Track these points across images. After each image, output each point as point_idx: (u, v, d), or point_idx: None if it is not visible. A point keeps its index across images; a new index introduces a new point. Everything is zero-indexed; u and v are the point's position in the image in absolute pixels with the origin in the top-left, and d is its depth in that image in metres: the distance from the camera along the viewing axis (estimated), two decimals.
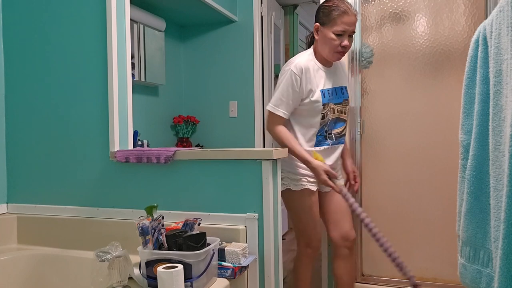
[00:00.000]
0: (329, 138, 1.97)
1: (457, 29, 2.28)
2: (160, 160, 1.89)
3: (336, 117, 1.97)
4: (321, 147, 1.96)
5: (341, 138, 2.02)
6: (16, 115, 2.19)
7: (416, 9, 2.34)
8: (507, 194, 0.98)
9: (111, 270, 1.51)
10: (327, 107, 1.93)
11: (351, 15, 1.83)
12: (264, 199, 1.77)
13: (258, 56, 3.26)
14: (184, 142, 3.29)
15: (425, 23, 2.33)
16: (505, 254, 0.98)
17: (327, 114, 1.94)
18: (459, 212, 1.31)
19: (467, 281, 1.25)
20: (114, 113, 1.97)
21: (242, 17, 3.29)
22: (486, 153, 1.17)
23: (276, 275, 1.83)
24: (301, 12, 4.59)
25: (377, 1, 2.40)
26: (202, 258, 1.50)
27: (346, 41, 1.85)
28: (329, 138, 1.97)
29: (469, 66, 1.29)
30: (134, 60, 2.72)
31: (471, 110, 1.27)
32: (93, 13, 2.02)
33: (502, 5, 1.07)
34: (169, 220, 1.83)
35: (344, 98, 2.00)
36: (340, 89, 1.99)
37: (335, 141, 2.00)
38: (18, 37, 2.18)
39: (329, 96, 1.94)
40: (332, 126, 1.98)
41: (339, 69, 2.04)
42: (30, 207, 2.15)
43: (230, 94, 3.33)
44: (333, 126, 1.98)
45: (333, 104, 1.95)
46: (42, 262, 1.97)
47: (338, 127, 1.99)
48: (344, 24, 1.82)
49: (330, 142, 1.98)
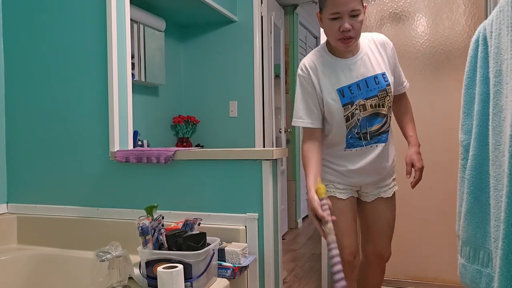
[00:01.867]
0: (364, 139, 1.66)
1: (457, 29, 2.28)
2: (160, 160, 1.89)
3: (370, 113, 1.64)
4: (352, 149, 1.68)
5: (380, 136, 1.67)
6: (16, 115, 2.19)
7: (416, 9, 2.34)
8: (507, 194, 0.98)
9: (111, 270, 1.51)
10: (352, 106, 1.63)
11: None
12: (264, 199, 1.77)
13: (258, 56, 3.25)
14: (184, 142, 3.29)
15: (425, 23, 2.33)
16: (505, 254, 0.98)
17: (353, 114, 1.63)
18: (459, 212, 1.31)
19: (467, 281, 1.25)
20: (114, 113, 1.98)
21: (242, 17, 3.29)
22: (486, 153, 1.17)
23: (276, 275, 1.83)
24: (301, 12, 4.59)
25: (377, 1, 2.40)
26: (202, 258, 1.50)
27: (345, 24, 1.51)
28: (364, 139, 1.66)
29: (469, 66, 1.29)
30: (134, 60, 2.72)
31: (471, 110, 1.27)
32: (93, 13, 2.02)
33: (502, 5, 1.07)
34: (169, 220, 1.84)
35: (379, 89, 1.62)
36: (372, 79, 1.62)
37: (371, 141, 1.66)
38: (18, 37, 2.18)
39: (350, 94, 1.62)
40: (366, 125, 1.65)
41: (370, 55, 1.65)
42: (30, 207, 2.15)
43: (230, 94, 3.33)
44: (367, 124, 1.65)
45: (363, 99, 1.62)
46: (42, 262, 1.97)
47: (375, 124, 1.65)
48: (336, 5, 1.51)
49: (364, 143, 1.67)
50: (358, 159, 1.69)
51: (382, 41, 1.68)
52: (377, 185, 1.74)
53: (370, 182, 1.73)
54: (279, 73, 4.11)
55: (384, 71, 1.65)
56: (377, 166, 1.70)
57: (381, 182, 1.74)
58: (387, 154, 1.72)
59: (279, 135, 4.04)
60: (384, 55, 1.67)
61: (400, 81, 1.76)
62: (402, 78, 1.77)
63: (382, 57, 1.67)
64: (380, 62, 1.66)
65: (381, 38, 1.70)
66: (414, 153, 1.67)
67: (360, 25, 1.55)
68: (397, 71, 1.74)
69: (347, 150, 1.69)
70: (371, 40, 1.68)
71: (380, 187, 1.75)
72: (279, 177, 1.87)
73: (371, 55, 1.65)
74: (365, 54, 1.65)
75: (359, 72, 1.63)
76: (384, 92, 1.64)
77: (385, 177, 1.74)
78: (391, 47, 1.70)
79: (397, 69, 1.74)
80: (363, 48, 1.65)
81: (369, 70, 1.63)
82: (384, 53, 1.67)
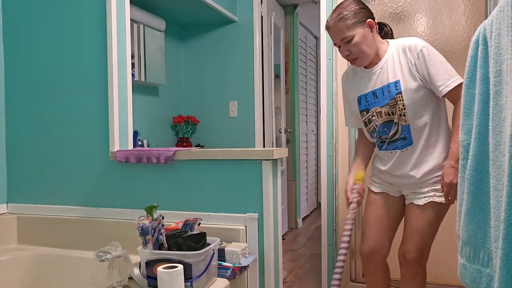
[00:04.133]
0: (386, 143, 1.75)
1: (457, 29, 2.28)
2: (160, 160, 1.89)
3: (385, 120, 1.71)
4: (382, 151, 1.78)
5: (396, 143, 1.72)
6: (16, 115, 2.19)
7: (416, 9, 2.34)
8: (507, 194, 0.98)
9: (111, 270, 1.51)
10: (368, 113, 1.75)
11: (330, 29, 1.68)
12: (264, 199, 1.77)
13: (258, 56, 3.26)
14: (184, 142, 3.29)
15: (425, 23, 2.33)
16: (505, 254, 0.98)
17: (370, 120, 1.75)
18: (459, 212, 1.31)
19: (467, 281, 1.25)
20: (114, 113, 1.98)
21: (242, 17, 3.29)
22: (486, 153, 1.16)
23: (276, 275, 1.83)
24: (301, 12, 4.59)
25: (377, 1, 2.40)
26: (202, 258, 1.50)
27: (343, 52, 1.68)
28: (386, 143, 1.75)
29: (469, 66, 1.29)
30: (134, 60, 2.72)
31: (471, 110, 1.27)
32: (93, 13, 2.02)
33: (502, 5, 1.07)
34: (169, 220, 1.84)
35: (390, 97, 1.68)
36: (385, 88, 1.69)
37: (389, 146, 1.74)
38: (18, 37, 2.18)
39: (366, 102, 1.74)
40: (383, 131, 1.74)
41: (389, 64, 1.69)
42: (30, 207, 2.16)
43: (230, 94, 3.33)
44: (384, 131, 1.73)
45: (380, 107, 1.71)
46: (42, 262, 1.97)
47: (391, 131, 1.71)
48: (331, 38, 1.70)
49: (385, 147, 1.76)
50: (387, 160, 1.77)
51: (409, 45, 1.65)
52: (413, 190, 1.75)
53: (401, 183, 1.77)
54: (279, 73, 4.11)
55: (398, 79, 1.66)
56: (398, 172, 1.74)
57: (418, 189, 1.73)
58: (410, 162, 1.71)
59: (279, 135, 4.04)
60: (405, 61, 1.66)
61: (434, 85, 1.63)
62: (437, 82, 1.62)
63: (401, 64, 1.67)
64: (397, 69, 1.67)
65: (409, 43, 1.66)
66: (447, 167, 1.62)
67: (357, 48, 1.64)
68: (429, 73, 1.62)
69: (380, 151, 1.80)
70: (399, 47, 1.68)
71: (415, 193, 1.74)
72: (279, 177, 1.87)
73: (390, 63, 1.68)
74: (385, 63, 1.69)
75: (377, 81, 1.71)
76: (394, 101, 1.67)
77: (421, 185, 1.71)
78: (419, 50, 1.63)
79: (429, 71, 1.62)
80: (386, 57, 1.70)
81: (384, 79, 1.69)
82: (405, 58, 1.66)
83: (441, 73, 1.61)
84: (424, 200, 1.70)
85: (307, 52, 4.98)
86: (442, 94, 1.63)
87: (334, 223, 2.45)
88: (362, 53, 1.65)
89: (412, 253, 1.74)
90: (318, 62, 5.35)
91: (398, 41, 1.71)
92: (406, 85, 1.65)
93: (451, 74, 1.62)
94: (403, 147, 1.71)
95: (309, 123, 5.06)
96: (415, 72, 1.64)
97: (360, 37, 1.63)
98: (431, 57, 1.62)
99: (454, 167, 1.57)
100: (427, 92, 1.66)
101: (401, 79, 1.65)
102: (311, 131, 5.18)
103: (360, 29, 1.63)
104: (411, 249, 1.74)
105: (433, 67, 1.62)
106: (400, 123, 1.69)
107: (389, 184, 1.81)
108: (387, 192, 1.82)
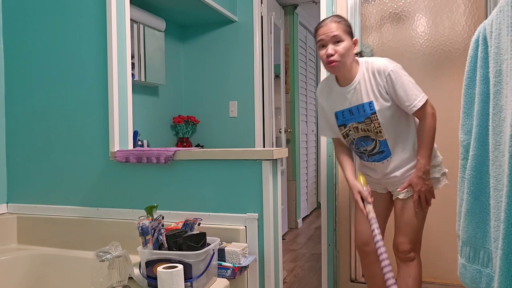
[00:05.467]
0: (364, 155, 1.89)
1: (457, 29, 2.28)
2: (160, 160, 1.89)
3: (361, 135, 1.85)
4: (363, 162, 1.94)
5: (376, 156, 1.87)
6: (16, 115, 2.19)
7: (416, 9, 2.34)
8: (507, 194, 0.98)
9: (111, 270, 1.51)
10: (346, 127, 1.87)
11: (325, 25, 1.77)
12: (264, 199, 1.77)
13: (258, 56, 3.26)
14: (184, 142, 3.29)
15: (425, 23, 2.33)
16: (505, 254, 0.98)
17: (348, 134, 1.87)
18: (459, 212, 1.31)
19: (467, 281, 1.25)
20: (114, 113, 1.98)
21: (242, 17, 3.29)
22: (486, 153, 1.17)
23: (276, 275, 1.83)
24: (301, 12, 4.59)
25: (377, 1, 2.40)
26: (202, 258, 1.51)
27: (329, 50, 1.75)
28: (364, 155, 1.89)
29: (469, 66, 1.29)
30: (134, 60, 2.72)
31: (471, 110, 1.27)
32: (93, 13, 2.02)
33: (502, 5, 1.07)
34: (169, 220, 1.84)
35: (365, 116, 1.80)
36: (360, 107, 1.80)
37: (370, 159, 1.89)
38: (18, 37, 2.18)
39: (343, 117, 1.86)
40: (361, 144, 1.87)
41: (362, 85, 1.80)
42: (30, 207, 2.16)
43: (230, 94, 3.33)
44: (362, 144, 1.87)
45: (356, 123, 1.83)
46: (42, 262, 1.97)
47: (368, 145, 1.86)
48: (320, 35, 1.78)
49: (365, 159, 1.91)
50: (369, 168, 1.94)
51: (378, 69, 1.77)
52: (396, 186, 1.88)
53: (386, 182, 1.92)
54: (279, 73, 4.11)
55: (372, 100, 1.78)
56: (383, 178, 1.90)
57: (400, 185, 1.86)
58: (390, 167, 1.87)
59: (279, 135, 4.04)
60: (375, 84, 1.78)
61: (403, 105, 1.75)
62: (405, 102, 1.74)
63: (372, 86, 1.78)
64: (369, 91, 1.79)
65: (378, 66, 1.77)
66: (414, 177, 1.79)
67: (344, 50, 1.73)
68: (397, 95, 1.74)
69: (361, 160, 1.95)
70: (369, 68, 1.79)
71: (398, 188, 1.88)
72: (279, 177, 1.87)
73: (363, 84, 1.79)
74: (358, 84, 1.80)
75: (352, 100, 1.82)
76: (369, 120, 1.80)
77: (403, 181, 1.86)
78: (387, 74, 1.74)
79: (397, 93, 1.74)
80: (358, 77, 1.80)
81: (358, 99, 1.80)
82: (375, 81, 1.78)
83: (408, 94, 1.73)
84: (406, 194, 1.84)
85: (307, 52, 4.99)
86: (411, 113, 1.77)
87: (334, 223, 2.45)
88: (343, 59, 1.75)
89: (405, 244, 1.87)
90: (318, 62, 5.35)
91: (368, 62, 1.81)
92: (380, 106, 1.77)
93: (417, 94, 1.73)
94: (382, 159, 1.86)
95: (309, 123, 5.06)
96: (385, 94, 1.77)
97: (348, 46, 1.75)
98: (398, 80, 1.73)
99: (422, 177, 1.77)
100: (398, 109, 1.79)
101: (374, 101, 1.78)
102: (311, 131, 5.18)
103: (349, 39, 1.77)
104: (403, 240, 1.87)
105: (401, 89, 1.73)
106: (377, 139, 1.83)
107: (375, 183, 1.96)
108: (374, 189, 1.96)
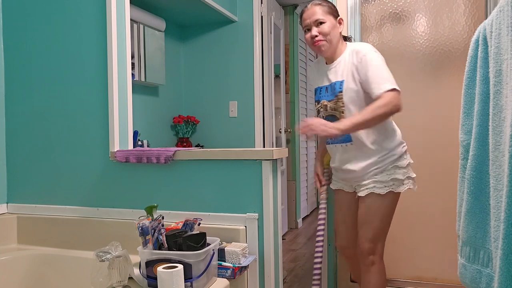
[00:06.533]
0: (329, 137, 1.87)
1: (457, 29, 2.28)
2: (160, 160, 1.89)
3: (328, 114, 1.87)
4: (327, 146, 1.97)
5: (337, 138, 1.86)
6: (16, 115, 2.19)
7: (416, 9, 2.34)
8: (507, 194, 0.98)
9: (111, 270, 1.51)
10: (318, 104, 1.93)
11: (310, 8, 1.85)
12: (264, 199, 1.77)
13: (258, 56, 3.25)
14: (184, 142, 3.29)
15: (425, 23, 2.33)
16: (505, 254, 0.98)
17: (319, 110, 1.92)
18: (459, 212, 1.31)
19: (467, 281, 1.25)
20: (114, 113, 1.98)
21: (242, 17, 3.29)
22: (486, 153, 1.17)
23: (276, 275, 1.83)
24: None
25: (377, 1, 2.40)
26: (202, 258, 1.50)
27: (313, 31, 1.83)
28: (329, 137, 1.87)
29: (469, 66, 1.29)
30: (134, 60, 2.72)
31: (471, 110, 1.27)
32: (93, 13, 2.02)
33: (502, 5, 1.08)
34: (169, 220, 1.84)
35: (334, 95, 1.84)
36: (333, 84, 1.85)
37: (332, 140, 1.90)
38: (18, 37, 2.18)
39: (319, 94, 1.92)
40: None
41: (341, 64, 1.84)
42: (30, 207, 2.16)
43: (230, 94, 3.33)
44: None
45: (326, 101, 1.87)
46: (42, 262, 1.97)
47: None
48: (305, 19, 1.86)
49: (330, 141, 1.92)
50: (334, 155, 1.95)
51: (357, 49, 1.81)
52: (358, 183, 1.88)
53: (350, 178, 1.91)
54: (279, 73, 4.11)
55: (343, 79, 1.82)
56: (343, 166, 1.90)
57: (361, 181, 1.86)
58: (350, 158, 1.86)
59: (279, 135, 4.04)
60: (351, 63, 1.81)
61: (369, 86, 1.74)
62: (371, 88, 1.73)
63: (348, 66, 1.82)
64: (345, 70, 1.82)
65: (358, 47, 1.82)
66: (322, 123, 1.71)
67: (328, 29, 1.81)
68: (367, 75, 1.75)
69: (327, 145, 1.97)
70: (352, 49, 1.84)
71: (359, 186, 1.87)
72: (279, 177, 1.87)
73: (342, 63, 1.85)
74: (339, 63, 1.86)
75: (330, 77, 1.87)
76: (336, 98, 1.84)
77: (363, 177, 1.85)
78: (362, 54, 1.77)
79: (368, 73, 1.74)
80: (342, 57, 1.86)
81: (335, 77, 1.85)
82: (352, 61, 1.81)
83: (377, 76, 1.73)
84: (365, 192, 1.83)
85: (307, 52, 4.99)
86: (374, 96, 1.72)
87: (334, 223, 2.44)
88: (328, 37, 1.82)
89: (364, 243, 1.86)
90: None
91: (353, 45, 1.87)
92: (347, 85, 1.80)
93: (388, 79, 1.72)
94: (343, 142, 1.86)
95: None
96: (356, 75, 1.78)
97: (331, 25, 1.82)
98: (372, 62, 1.75)
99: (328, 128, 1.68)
100: (364, 95, 1.78)
101: (345, 80, 1.81)
102: None
103: (332, 19, 1.83)
104: (362, 240, 1.86)
105: (371, 71, 1.74)
106: (341, 120, 1.80)
107: (342, 181, 1.97)
108: (342, 188, 1.99)
